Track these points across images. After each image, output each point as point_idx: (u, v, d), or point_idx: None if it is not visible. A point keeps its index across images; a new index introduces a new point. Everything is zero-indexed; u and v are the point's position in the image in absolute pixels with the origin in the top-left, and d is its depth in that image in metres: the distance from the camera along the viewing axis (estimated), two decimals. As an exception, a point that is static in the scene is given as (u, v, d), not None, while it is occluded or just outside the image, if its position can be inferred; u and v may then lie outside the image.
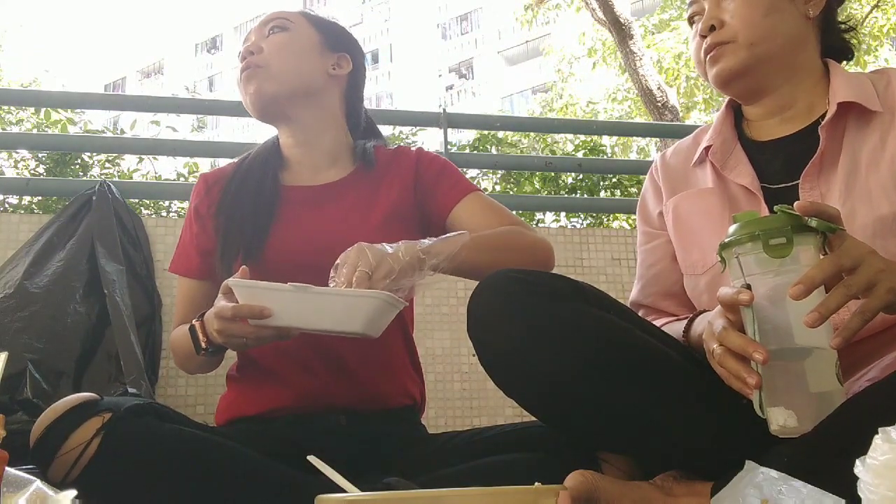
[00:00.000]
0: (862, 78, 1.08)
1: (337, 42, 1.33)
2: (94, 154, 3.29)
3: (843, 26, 1.16)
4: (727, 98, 1.19)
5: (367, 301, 0.97)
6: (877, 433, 0.60)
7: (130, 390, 1.60)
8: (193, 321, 1.12)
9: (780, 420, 0.80)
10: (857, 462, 0.61)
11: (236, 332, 1.02)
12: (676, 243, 1.17)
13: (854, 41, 1.17)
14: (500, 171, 3.77)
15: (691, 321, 1.07)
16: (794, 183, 1.06)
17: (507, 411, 2.04)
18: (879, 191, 0.99)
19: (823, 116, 1.05)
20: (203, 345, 1.09)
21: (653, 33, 9.05)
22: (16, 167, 3.20)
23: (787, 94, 1.10)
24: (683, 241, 1.15)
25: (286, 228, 1.22)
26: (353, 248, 1.02)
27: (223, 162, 1.39)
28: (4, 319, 1.63)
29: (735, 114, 1.18)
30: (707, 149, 1.15)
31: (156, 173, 3.47)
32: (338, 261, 1.02)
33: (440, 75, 27.22)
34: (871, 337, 0.97)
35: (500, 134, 4.13)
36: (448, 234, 1.10)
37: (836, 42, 1.15)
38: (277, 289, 0.99)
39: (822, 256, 0.80)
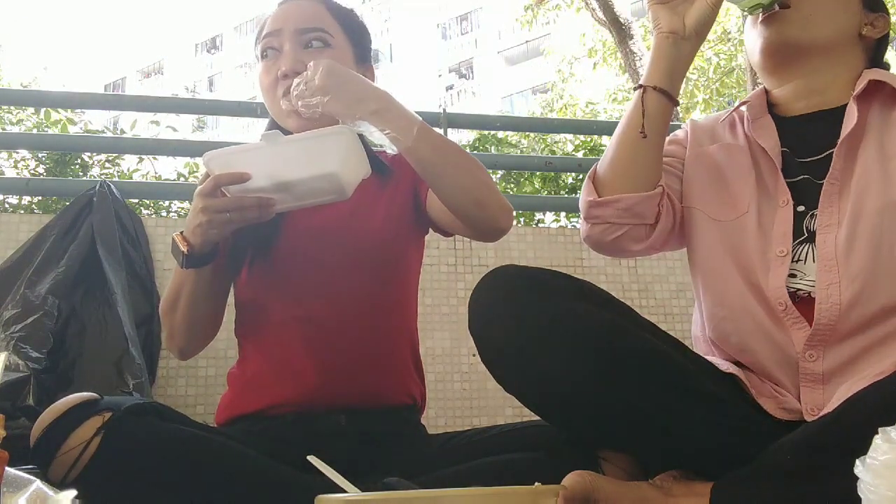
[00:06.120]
0: (893, 74, 1.11)
1: (365, 54, 1.30)
2: (94, 154, 3.29)
3: None
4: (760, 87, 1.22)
5: (332, 138, 1.02)
6: (877, 433, 0.60)
7: (133, 396, 1.60)
8: (174, 234, 1.11)
9: None
10: (857, 462, 0.61)
11: (219, 206, 1.03)
12: (705, 186, 1.16)
13: None
14: (500, 171, 3.77)
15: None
16: (814, 158, 1.09)
17: (507, 411, 2.04)
18: None
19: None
20: (184, 249, 1.08)
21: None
22: (16, 167, 3.20)
23: (820, 81, 1.13)
24: (714, 185, 1.16)
25: (296, 228, 1.23)
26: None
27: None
28: (7, 328, 1.64)
29: (766, 96, 1.21)
30: (741, 108, 1.19)
31: (156, 173, 3.47)
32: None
33: (440, 75, 27.21)
34: (866, 332, 0.98)
35: (500, 134, 4.13)
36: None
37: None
38: (250, 148, 1.05)
39: None
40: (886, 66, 1.18)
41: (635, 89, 1.13)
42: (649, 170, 1.12)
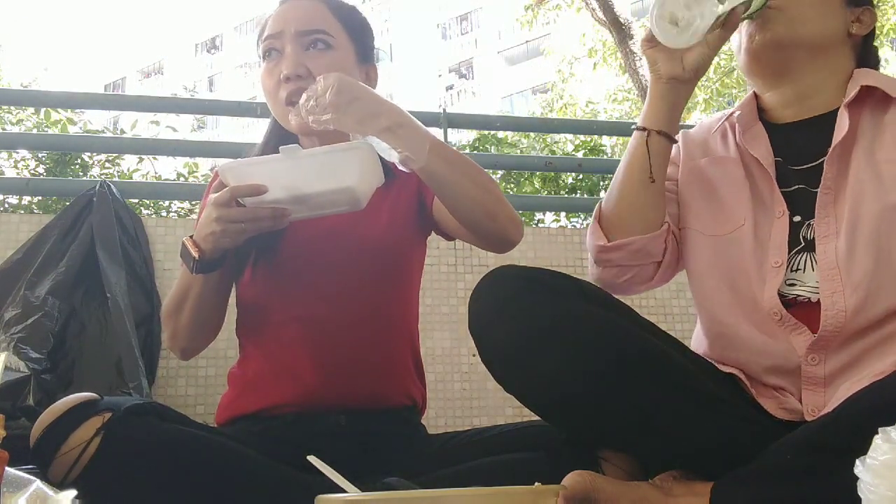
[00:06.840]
0: (884, 75, 1.11)
1: (368, 53, 1.29)
2: (94, 154, 3.29)
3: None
4: (751, 91, 1.21)
5: (351, 153, 1.02)
6: (877, 433, 0.60)
7: (133, 396, 1.60)
8: (184, 238, 1.11)
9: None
10: (857, 462, 0.61)
11: (234, 216, 1.03)
12: (699, 203, 1.16)
13: None
14: (500, 171, 3.77)
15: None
16: (807, 165, 1.08)
17: (507, 411, 2.04)
18: (891, 180, 1.00)
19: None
20: (195, 255, 1.08)
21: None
22: (16, 167, 3.20)
23: (809, 84, 1.12)
24: (708, 201, 1.15)
25: (300, 230, 1.22)
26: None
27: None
28: (8, 329, 1.64)
29: (756, 102, 1.20)
30: (732, 117, 1.18)
31: (156, 173, 3.48)
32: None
33: (440, 75, 27.19)
34: (869, 335, 0.98)
35: (500, 134, 4.14)
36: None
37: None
38: (268, 160, 1.05)
39: None
40: (876, 62, 1.16)
41: (636, 130, 1.12)
42: (656, 210, 1.12)
